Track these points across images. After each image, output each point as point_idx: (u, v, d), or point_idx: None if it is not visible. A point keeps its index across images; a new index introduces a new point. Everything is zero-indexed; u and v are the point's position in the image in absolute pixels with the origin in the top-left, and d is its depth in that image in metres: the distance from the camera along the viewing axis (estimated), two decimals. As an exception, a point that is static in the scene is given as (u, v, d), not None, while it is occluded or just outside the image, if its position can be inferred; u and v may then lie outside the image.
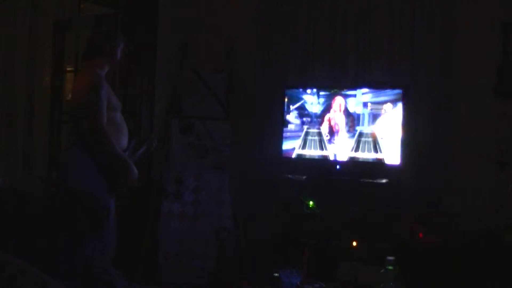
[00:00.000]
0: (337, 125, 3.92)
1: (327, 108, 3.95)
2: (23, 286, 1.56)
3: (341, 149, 3.89)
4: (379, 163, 3.78)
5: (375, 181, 3.70)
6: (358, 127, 3.85)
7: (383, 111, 3.78)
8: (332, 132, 3.93)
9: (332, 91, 3.95)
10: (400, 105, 3.72)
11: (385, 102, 3.77)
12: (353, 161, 3.85)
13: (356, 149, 3.84)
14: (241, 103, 4.44)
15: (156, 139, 3.38)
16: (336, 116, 3.92)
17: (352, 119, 3.87)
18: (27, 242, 2.24)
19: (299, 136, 4.01)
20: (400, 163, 3.71)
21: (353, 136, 3.86)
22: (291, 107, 4.04)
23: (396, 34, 3.90)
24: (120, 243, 3.23)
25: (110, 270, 2.47)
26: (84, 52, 3.12)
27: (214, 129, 4.31)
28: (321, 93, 3.98)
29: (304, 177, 3.88)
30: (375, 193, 3.63)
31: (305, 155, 4.00)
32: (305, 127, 4.00)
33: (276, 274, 2.93)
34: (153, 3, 4.35)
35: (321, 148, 3.96)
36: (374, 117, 3.80)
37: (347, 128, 3.88)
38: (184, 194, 4.18)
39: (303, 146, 4.00)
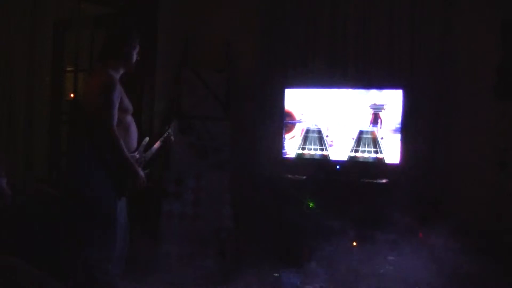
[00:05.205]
0: (337, 125, 3.92)
1: (327, 108, 3.95)
2: (22, 285, 1.56)
3: (341, 149, 3.89)
4: (379, 163, 3.78)
5: (375, 181, 3.70)
6: (358, 127, 3.85)
7: (383, 111, 3.78)
8: (332, 132, 3.93)
9: (332, 91, 3.95)
10: (400, 105, 3.72)
11: (385, 102, 3.77)
12: (353, 161, 3.85)
13: (356, 149, 3.84)
14: (241, 103, 4.44)
15: (173, 135, 3.31)
16: (336, 116, 3.92)
17: (352, 119, 3.87)
18: (27, 242, 2.24)
19: (299, 136, 4.01)
20: (400, 163, 3.71)
21: (353, 136, 3.86)
22: (291, 107, 4.05)
23: (396, 34, 3.90)
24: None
25: (110, 270, 2.48)
26: (99, 53, 3.07)
27: (214, 129, 4.31)
28: (321, 93, 3.98)
29: (304, 177, 3.88)
30: (375, 193, 3.63)
31: (305, 155, 4.01)
32: (306, 127, 4.00)
33: (276, 274, 2.93)
34: (153, 3, 4.35)
35: (321, 148, 3.95)
36: (374, 117, 3.80)
37: (347, 128, 3.88)
38: (184, 194, 4.18)
39: (303, 146, 4.00)
